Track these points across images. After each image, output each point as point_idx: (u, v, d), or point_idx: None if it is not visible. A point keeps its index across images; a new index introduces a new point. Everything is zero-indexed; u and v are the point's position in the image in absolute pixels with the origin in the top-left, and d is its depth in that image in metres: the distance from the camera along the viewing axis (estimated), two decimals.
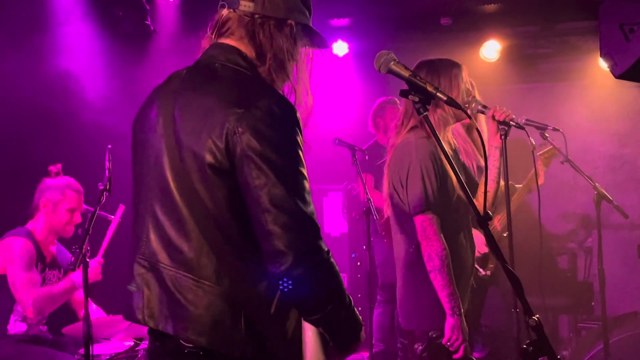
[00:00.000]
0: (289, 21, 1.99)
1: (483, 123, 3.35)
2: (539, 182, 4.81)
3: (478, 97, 3.28)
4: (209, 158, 1.80)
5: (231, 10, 1.98)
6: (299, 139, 1.84)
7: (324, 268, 1.80)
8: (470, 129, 3.38)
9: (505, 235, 4.15)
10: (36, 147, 4.87)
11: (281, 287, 1.79)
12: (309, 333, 1.90)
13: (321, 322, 1.86)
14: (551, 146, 4.46)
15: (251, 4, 1.96)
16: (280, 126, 1.80)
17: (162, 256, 1.87)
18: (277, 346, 1.86)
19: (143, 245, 1.92)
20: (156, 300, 1.87)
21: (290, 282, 1.76)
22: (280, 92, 2.02)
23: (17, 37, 4.89)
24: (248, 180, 1.77)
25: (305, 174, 1.83)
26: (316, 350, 1.90)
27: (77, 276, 3.84)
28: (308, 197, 1.81)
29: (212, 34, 2.03)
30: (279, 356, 1.87)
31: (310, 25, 2.08)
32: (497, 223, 4.34)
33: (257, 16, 1.96)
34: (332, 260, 1.83)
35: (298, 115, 1.86)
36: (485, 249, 3.84)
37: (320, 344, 1.90)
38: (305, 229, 1.78)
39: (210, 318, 1.81)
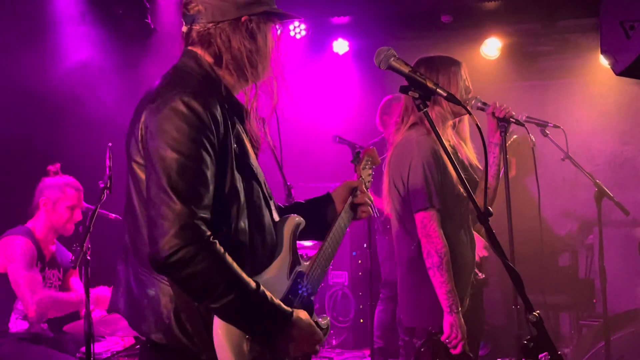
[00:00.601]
0: (243, 18, 2.04)
1: (466, 121, 3.35)
2: (511, 175, 4.70)
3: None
4: (133, 154, 1.95)
5: (189, 25, 2.07)
6: (204, 137, 1.87)
7: (198, 258, 1.80)
8: (455, 127, 3.37)
9: None
10: (37, 146, 4.87)
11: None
12: (218, 331, 1.88)
13: (216, 312, 1.87)
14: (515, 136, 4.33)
15: (203, 17, 2.03)
16: (179, 120, 1.86)
17: (130, 250, 2.01)
18: (200, 338, 1.90)
19: (123, 241, 2.04)
20: (124, 291, 2.01)
21: (157, 269, 1.84)
22: (248, 88, 2.11)
23: (18, 36, 4.88)
24: (146, 171, 1.89)
25: (205, 170, 1.86)
26: (223, 346, 1.87)
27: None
28: (193, 190, 1.83)
29: (183, 43, 2.12)
30: (202, 348, 1.90)
31: (269, 8, 2.10)
32: None
33: (210, 25, 2.03)
34: (214, 249, 1.83)
35: (208, 114, 1.90)
36: (484, 253, 3.82)
37: (227, 340, 1.87)
38: (179, 221, 1.79)
39: (150, 308, 1.93)
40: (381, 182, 3.30)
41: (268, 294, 1.91)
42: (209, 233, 1.83)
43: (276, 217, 2.17)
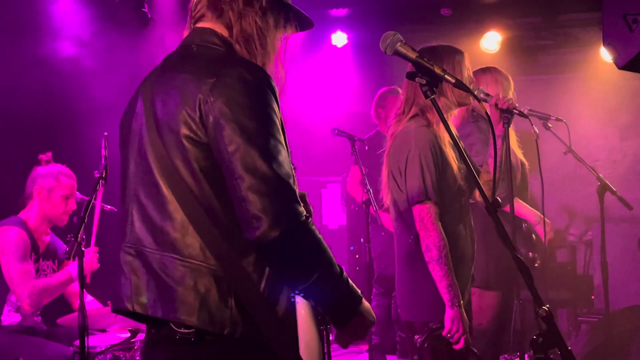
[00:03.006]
0: None
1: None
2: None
3: None
4: (184, 130, 1.79)
5: None
6: (274, 104, 1.81)
7: (302, 233, 1.74)
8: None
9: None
10: (30, 136, 4.81)
11: (261, 255, 1.76)
12: (302, 312, 1.82)
13: (309, 293, 1.81)
14: None
15: None
16: (252, 91, 1.77)
17: (148, 241, 1.85)
18: (268, 325, 1.79)
19: (128, 232, 1.90)
20: (144, 286, 1.83)
21: (267, 247, 1.72)
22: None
23: (13, 25, 4.82)
24: (221, 147, 1.75)
25: (281, 139, 1.79)
26: (309, 329, 1.82)
27: (73, 268, 3.78)
28: (283, 160, 1.77)
29: (190, 21, 2.02)
30: (270, 335, 1.79)
31: (288, 3, 2.02)
32: None
33: None
34: (312, 226, 1.77)
35: (273, 82, 1.83)
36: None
37: (313, 323, 1.83)
38: (280, 193, 1.73)
39: (199, 297, 1.77)
40: (380, 174, 3.25)
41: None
42: (305, 213, 1.77)
43: None
